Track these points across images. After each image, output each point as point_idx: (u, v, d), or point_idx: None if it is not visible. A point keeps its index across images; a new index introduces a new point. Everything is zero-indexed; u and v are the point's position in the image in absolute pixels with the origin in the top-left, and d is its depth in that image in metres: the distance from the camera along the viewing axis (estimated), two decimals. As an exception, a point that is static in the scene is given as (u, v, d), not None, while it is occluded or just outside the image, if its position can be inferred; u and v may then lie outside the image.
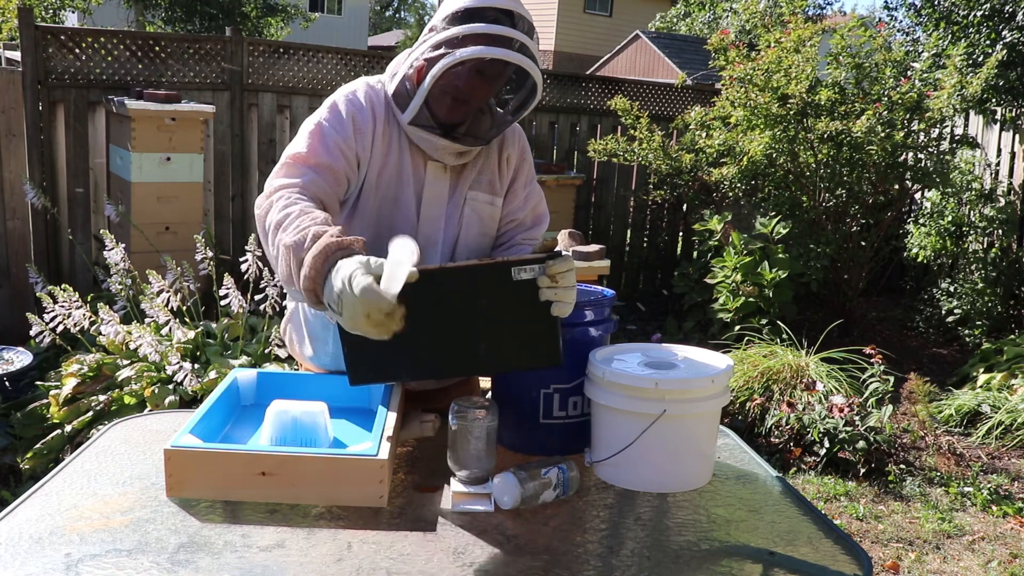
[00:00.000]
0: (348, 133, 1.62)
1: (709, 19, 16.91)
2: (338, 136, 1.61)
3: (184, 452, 1.41)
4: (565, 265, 1.46)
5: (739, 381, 4.18)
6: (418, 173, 1.70)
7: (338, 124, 1.62)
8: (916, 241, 5.76)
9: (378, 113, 1.66)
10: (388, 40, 31.51)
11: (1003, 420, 4.18)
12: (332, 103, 1.66)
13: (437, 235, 1.72)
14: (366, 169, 1.66)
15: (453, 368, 1.62)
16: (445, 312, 1.46)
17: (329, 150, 1.60)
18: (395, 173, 1.68)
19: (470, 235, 1.76)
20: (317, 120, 1.63)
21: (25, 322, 3.33)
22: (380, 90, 1.69)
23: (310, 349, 1.82)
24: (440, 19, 1.61)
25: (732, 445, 1.82)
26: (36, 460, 3.10)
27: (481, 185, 1.76)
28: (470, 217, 1.75)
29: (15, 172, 4.45)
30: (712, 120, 5.57)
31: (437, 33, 1.59)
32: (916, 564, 3.12)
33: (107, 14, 14.27)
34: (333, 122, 1.62)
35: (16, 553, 1.25)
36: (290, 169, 1.58)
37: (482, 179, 1.76)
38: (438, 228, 1.72)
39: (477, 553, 1.31)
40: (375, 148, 1.65)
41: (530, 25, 1.61)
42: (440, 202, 1.72)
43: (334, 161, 1.59)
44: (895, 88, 5.13)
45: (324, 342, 1.78)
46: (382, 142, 1.66)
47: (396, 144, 1.68)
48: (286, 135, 5.18)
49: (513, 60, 1.55)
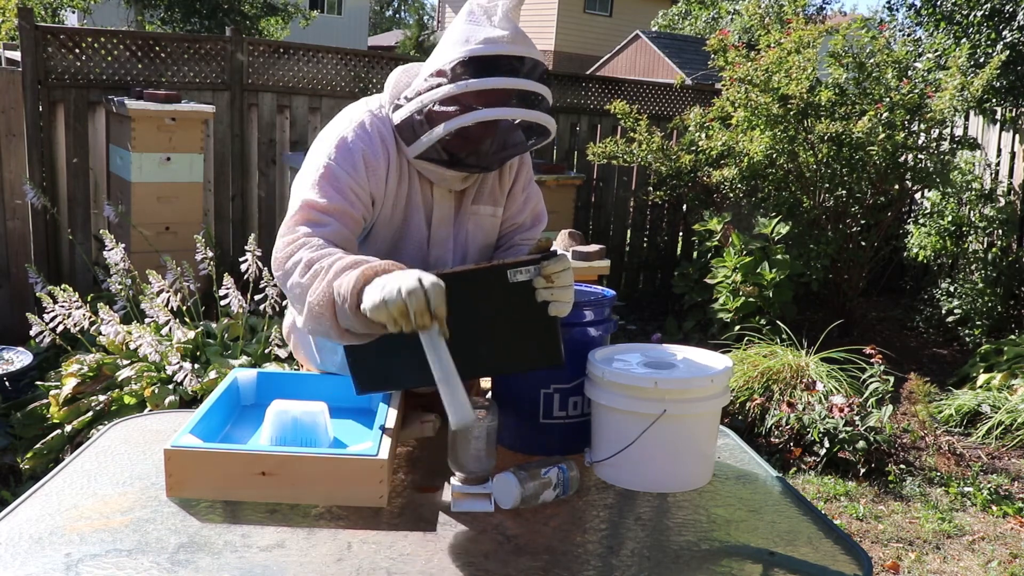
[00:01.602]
0: (361, 174, 1.56)
1: (712, 17, 16.91)
2: (350, 179, 1.55)
3: (184, 452, 1.41)
4: (560, 265, 1.46)
5: (739, 381, 4.18)
6: (426, 199, 1.69)
7: (349, 166, 1.56)
8: (916, 241, 5.76)
9: (388, 145, 1.61)
10: (388, 40, 31.48)
11: (1003, 420, 4.18)
12: (340, 139, 1.59)
13: (447, 256, 1.73)
14: (380, 205, 1.63)
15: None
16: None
17: (343, 194, 1.54)
18: (405, 203, 1.67)
19: (474, 246, 1.77)
20: (326, 161, 1.56)
21: (25, 322, 3.33)
22: (385, 117, 1.63)
23: (317, 358, 1.82)
24: (448, 61, 1.53)
25: (732, 445, 1.82)
26: (36, 460, 3.10)
27: (483, 198, 1.76)
28: (474, 231, 1.75)
29: (15, 172, 4.45)
30: (712, 121, 5.57)
31: (447, 81, 1.52)
32: (916, 564, 3.12)
33: (107, 14, 14.26)
34: (344, 164, 1.56)
35: (16, 553, 1.25)
36: (307, 215, 1.52)
37: (483, 191, 1.76)
38: (447, 249, 1.73)
39: (477, 553, 1.31)
40: (388, 184, 1.61)
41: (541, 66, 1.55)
42: (447, 223, 1.72)
43: (350, 206, 1.54)
44: (896, 89, 5.13)
45: (333, 351, 1.75)
46: (395, 176, 1.62)
47: (405, 174, 1.65)
48: (286, 135, 5.18)
49: (530, 119, 1.53)
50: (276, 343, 3.50)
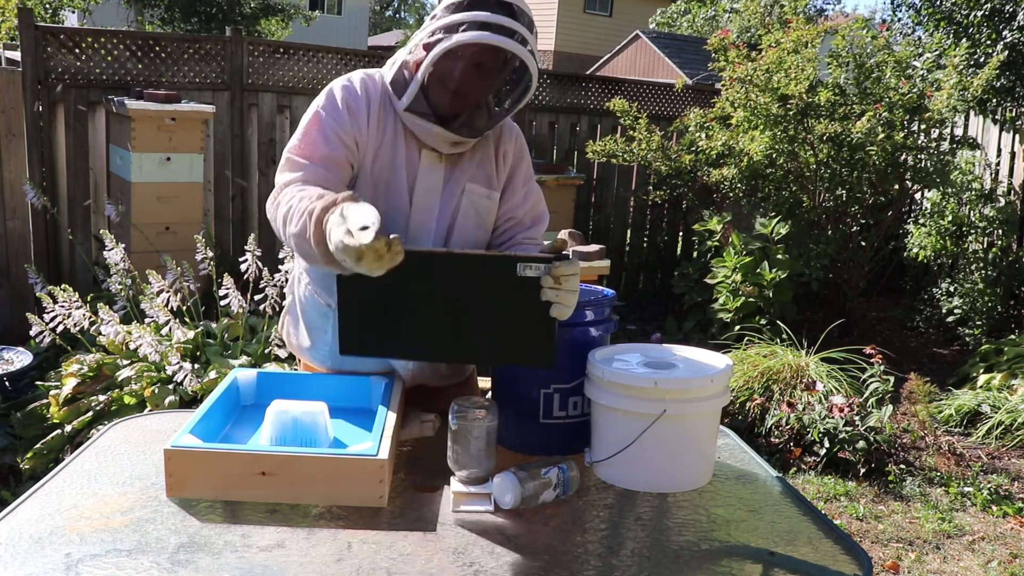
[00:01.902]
0: (344, 118, 1.64)
1: (711, 16, 16.92)
2: (335, 124, 1.63)
3: (184, 452, 1.41)
4: (571, 268, 1.46)
5: (739, 381, 4.18)
6: (412, 160, 1.70)
7: (334, 111, 1.64)
8: (916, 241, 5.76)
9: (372, 97, 1.68)
10: (388, 40, 31.46)
11: (1003, 420, 4.18)
12: (328, 91, 1.68)
13: (430, 224, 1.72)
14: (362, 153, 1.68)
15: (444, 353, 1.62)
16: (445, 297, 1.47)
17: (328, 140, 1.62)
18: (389, 159, 1.69)
19: (466, 227, 1.75)
20: (315, 110, 1.66)
21: (25, 322, 3.33)
22: (377, 79, 1.71)
23: (307, 340, 1.83)
24: (442, 8, 1.62)
25: (732, 445, 1.82)
26: (36, 460, 3.10)
27: (479, 178, 1.76)
28: (467, 209, 1.75)
29: (15, 172, 4.45)
30: (712, 121, 5.57)
31: (437, 20, 1.61)
32: (916, 564, 3.12)
33: (107, 14, 14.26)
34: (330, 109, 1.65)
35: (16, 553, 1.25)
36: (293, 164, 1.61)
37: (480, 172, 1.76)
38: (431, 217, 1.72)
39: (477, 553, 1.31)
40: (370, 131, 1.67)
41: (530, 20, 1.62)
42: (434, 191, 1.72)
43: (333, 150, 1.62)
44: (896, 89, 5.13)
45: (323, 331, 1.78)
46: (377, 127, 1.67)
47: (391, 130, 1.69)
48: (286, 135, 5.18)
49: (510, 48, 1.55)
50: (276, 343, 3.50)
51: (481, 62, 1.60)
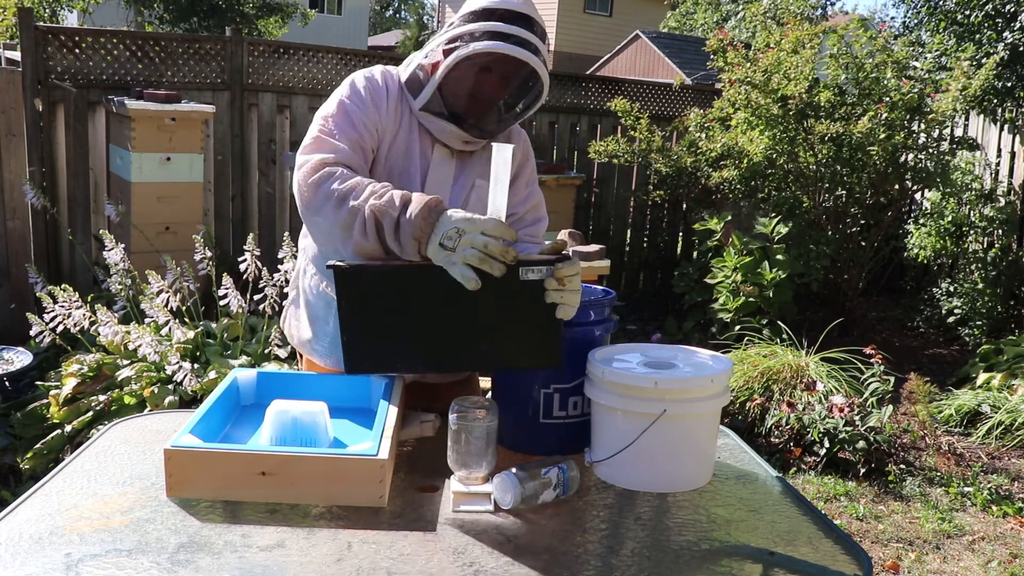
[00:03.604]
0: (368, 106, 1.70)
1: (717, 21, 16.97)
2: (359, 111, 1.69)
3: (184, 452, 1.41)
4: (573, 269, 1.48)
5: (739, 381, 4.18)
6: (424, 153, 1.75)
7: (358, 99, 1.71)
8: (916, 241, 5.76)
9: (391, 89, 1.74)
10: (388, 40, 31.48)
11: (1003, 420, 4.18)
12: (351, 81, 1.74)
13: None
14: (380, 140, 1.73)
15: (451, 363, 1.62)
16: (449, 306, 1.47)
17: (355, 125, 1.68)
18: (402, 149, 1.74)
19: None
20: (339, 99, 1.71)
21: (25, 322, 3.33)
22: (395, 75, 1.77)
23: (309, 331, 1.85)
24: (459, 16, 1.69)
25: (732, 445, 1.82)
26: (36, 460, 3.10)
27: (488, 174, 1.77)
28: (475, 204, 1.79)
29: (15, 172, 4.45)
30: (712, 122, 5.57)
31: (455, 28, 1.66)
32: (916, 564, 3.12)
33: (107, 14, 14.26)
34: (354, 98, 1.71)
35: (16, 553, 1.24)
36: (323, 144, 1.64)
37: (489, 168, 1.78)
38: None
39: (477, 553, 1.31)
40: (389, 120, 1.73)
41: (543, 31, 1.68)
42: (444, 185, 1.77)
43: (360, 136, 1.67)
44: (896, 89, 5.13)
45: (325, 322, 1.81)
46: (393, 117, 1.73)
47: (407, 122, 1.74)
48: (286, 135, 5.18)
49: (523, 58, 1.61)
50: (276, 343, 3.50)
51: (495, 69, 1.66)
